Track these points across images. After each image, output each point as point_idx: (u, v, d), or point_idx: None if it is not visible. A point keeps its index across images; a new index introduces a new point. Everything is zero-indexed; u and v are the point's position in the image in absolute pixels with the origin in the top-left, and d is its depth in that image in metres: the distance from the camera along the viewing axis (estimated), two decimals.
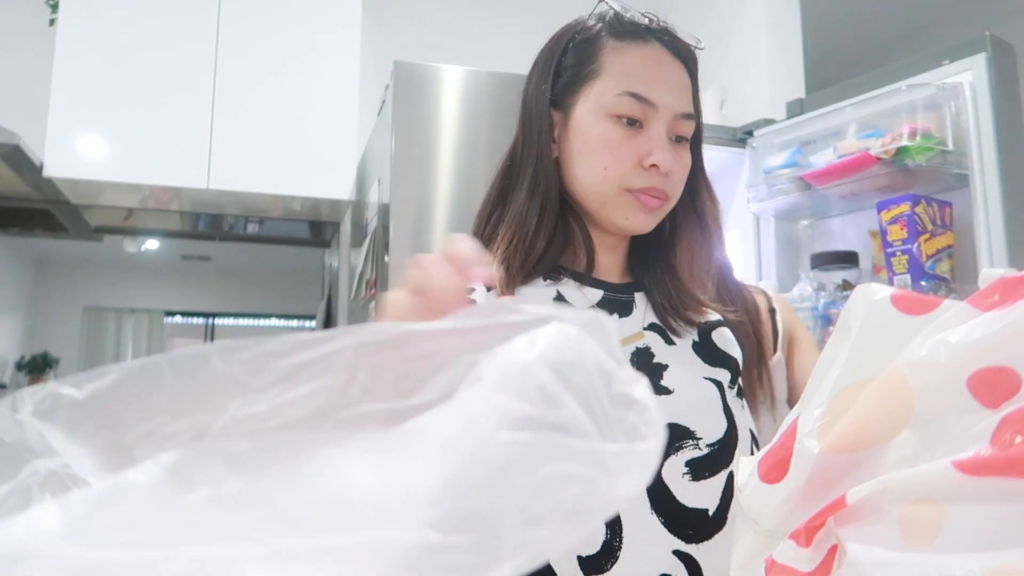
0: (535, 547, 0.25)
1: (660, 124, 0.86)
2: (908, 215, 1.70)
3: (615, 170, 0.85)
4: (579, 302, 0.89)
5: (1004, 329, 0.33)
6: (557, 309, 0.29)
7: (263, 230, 3.46)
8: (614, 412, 0.27)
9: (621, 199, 0.86)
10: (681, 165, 0.88)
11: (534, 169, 0.90)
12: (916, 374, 0.36)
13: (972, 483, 0.31)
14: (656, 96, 0.85)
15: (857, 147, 1.81)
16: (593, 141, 0.86)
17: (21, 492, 0.34)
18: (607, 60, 0.88)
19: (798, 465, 0.39)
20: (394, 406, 0.29)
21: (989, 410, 0.33)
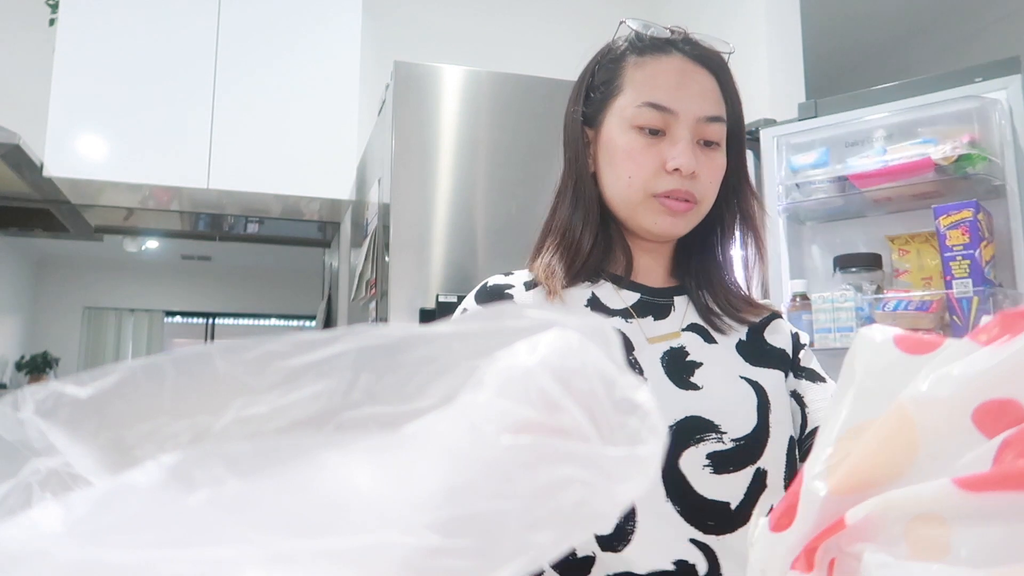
0: (536, 551, 0.25)
1: (683, 130, 0.88)
2: (971, 221, 1.77)
3: (638, 177, 0.89)
4: (614, 303, 0.93)
5: (1006, 361, 0.34)
6: (560, 315, 0.29)
7: (263, 230, 3.46)
8: (616, 417, 0.27)
9: (648, 205, 0.89)
10: (710, 168, 0.91)
11: (575, 184, 0.96)
12: (920, 410, 0.36)
13: (973, 499, 0.31)
14: (675, 103, 0.88)
15: (913, 152, 1.86)
16: (618, 152, 0.90)
17: (22, 491, 0.34)
18: (629, 75, 0.92)
19: (805, 509, 0.39)
20: (396, 410, 0.29)
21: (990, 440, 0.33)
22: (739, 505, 0.83)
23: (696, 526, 0.81)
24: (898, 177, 1.87)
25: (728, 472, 0.83)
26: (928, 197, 1.92)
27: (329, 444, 0.25)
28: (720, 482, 0.83)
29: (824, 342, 1.94)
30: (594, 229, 0.94)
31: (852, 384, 0.41)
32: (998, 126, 1.82)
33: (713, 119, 0.90)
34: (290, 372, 0.30)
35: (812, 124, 2.12)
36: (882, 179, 1.89)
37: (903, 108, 1.96)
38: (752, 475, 0.84)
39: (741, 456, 0.84)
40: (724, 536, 0.82)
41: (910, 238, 2.05)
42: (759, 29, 2.71)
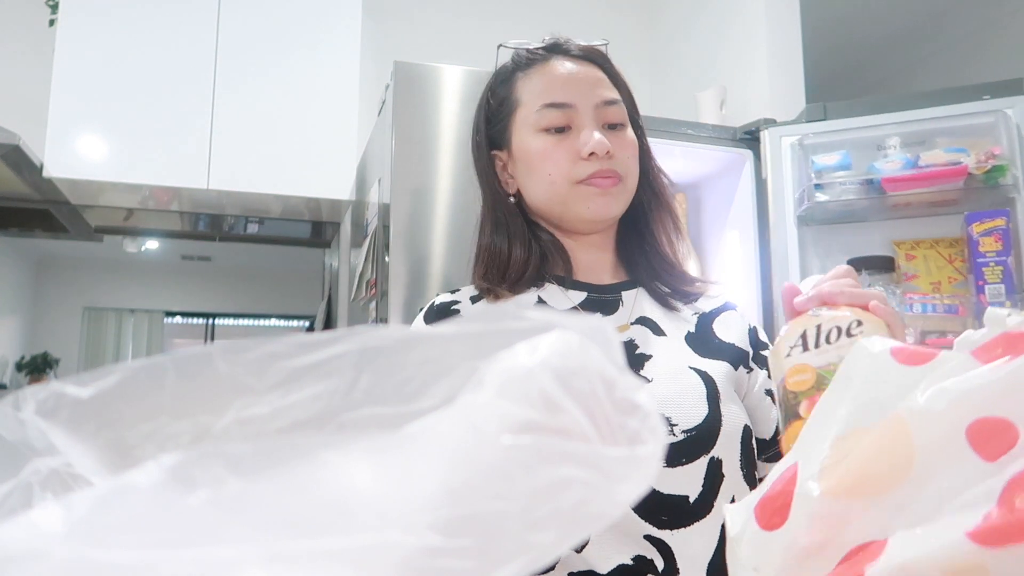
0: (536, 551, 0.25)
1: (585, 118, 0.93)
2: (1004, 229, 1.88)
3: (558, 171, 0.92)
4: (561, 303, 0.95)
5: (1002, 380, 0.34)
6: (561, 316, 0.29)
7: (263, 230, 3.46)
8: (616, 418, 0.27)
9: (576, 192, 0.92)
10: (623, 144, 0.94)
11: (492, 208, 1.00)
12: (916, 421, 0.36)
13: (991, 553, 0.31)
14: (569, 97, 0.93)
15: (946, 159, 1.94)
16: (533, 157, 0.94)
17: (22, 491, 0.34)
18: (521, 88, 0.97)
19: (798, 510, 0.39)
20: (397, 410, 0.29)
21: (988, 463, 0.34)
22: (698, 498, 0.83)
23: (651, 522, 0.81)
24: (931, 183, 1.95)
25: (681, 464, 0.83)
26: (942, 205, 2.01)
27: (329, 444, 0.25)
28: (674, 475, 0.82)
29: None
30: (524, 242, 0.96)
31: (849, 390, 0.41)
32: (1017, 139, 1.93)
33: (610, 102, 0.94)
34: (291, 373, 0.30)
35: (825, 127, 2.14)
36: (915, 184, 1.95)
37: (917, 118, 2.04)
38: (707, 465, 0.84)
39: (693, 447, 0.84)
40: (678, 531, 0.81)
41: (916, 243, 2.08)
42: (759, 29, 2.71)
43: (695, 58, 3.05)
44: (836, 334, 0.64)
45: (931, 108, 2.04)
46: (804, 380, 0.62)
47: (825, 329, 0.64)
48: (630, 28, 3.51)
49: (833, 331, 0.64)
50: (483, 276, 0.98)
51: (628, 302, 0.97)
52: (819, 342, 0.63)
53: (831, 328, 0.64)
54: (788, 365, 0.64)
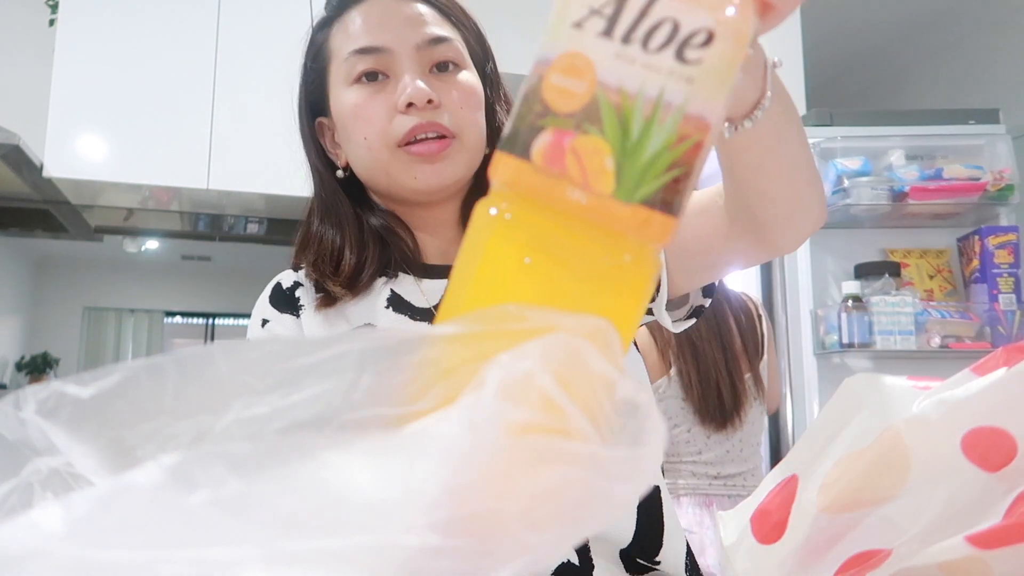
0: (536, 551, 0.25)
1: (404, 62, 0.77)
2: (1015, 243, 2.07)
3: (372, 131, 0.77)
4: (417, 301, 0.81)
5: (995, 391, 0.34)
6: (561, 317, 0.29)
7: (263, 230, 3.46)
8: (616, 419, 0.27)
9: (396, 159, 0.77)
10: (453, 90, 0.78)
11: (319, 189, 0.85)
12: (911, 431, 0.36)
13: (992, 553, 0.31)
14: (384, 40, 0.77)
15: (967, 174, 2.10)
16: (346, 118, 0.79)
17: (23, 490, 0.34)
18: (331, 39, 0.83)
19: (797, 525, 0.39)
20: (398, 411, 0.29)
21: (988, 473, 0.34)
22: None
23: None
24: (953, 195, 2.09)
25: None
26: (942, 217, 2.17)
27: (329, 444, 0.25)
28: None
29: (886, 344, 2.05)
30: (352, 231, 0.82)
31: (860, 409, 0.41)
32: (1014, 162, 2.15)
33: (436, 39, 0.78)
34: (292, 373, 0.30)
35: (842, 132, 2.20)
36: (939, 195, 2.09)
37: (920, 134, 2.18)
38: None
39: None
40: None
41: (907, 252, 2.18)
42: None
43: None
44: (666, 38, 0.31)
45: (933, 126, 2.18)
46: (570, 91, 0.32)
47: (659, 14, 0.32)
48: None
49: (666, 28, 0.31)
50: (313, 264, 0.83)
51: None
52: (634, 32, 0.32)
53: (666, 19, 0.32)
54: (567, 45, 0.32)
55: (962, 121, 2.20)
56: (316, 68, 0.85)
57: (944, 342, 2.06)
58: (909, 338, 2.03)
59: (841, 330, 2.07)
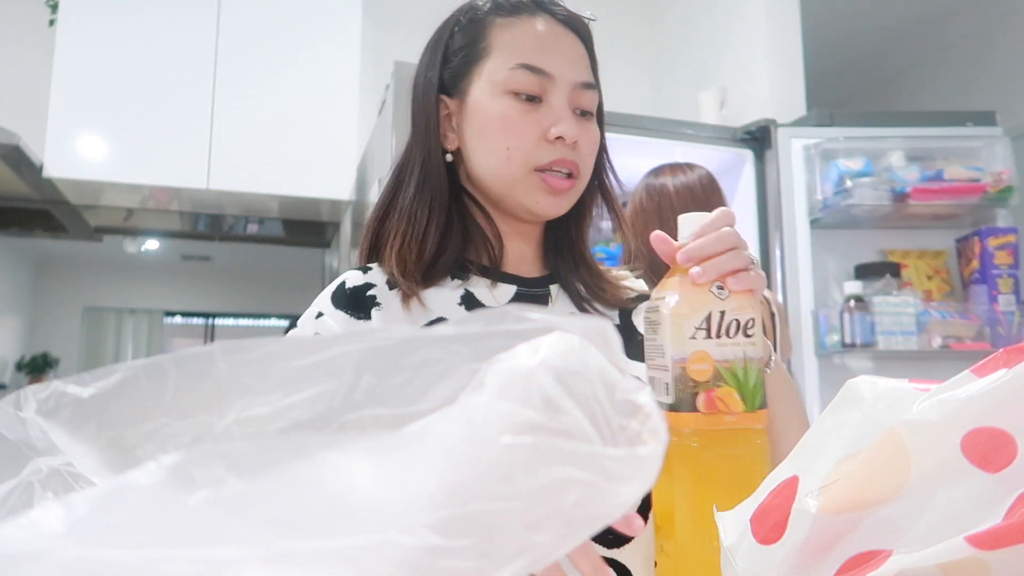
0: (536, 551, 0.25)
1: (560, 95, 0.81)
2: (1015, 244, 2.11)
3: (518, 148, 0.80)
4: (489, 302, 0.84)
5: (995, 391, 0.34)
6: (561, 318, 0.29)
7: (263, 230, 3.46)
8: (616, 419, 0.27)
9: (529, 180, 0.81)
10: (588, 138, 0.84)
11: (422, 164, 0.85)
12: (911, 432, 0.37)
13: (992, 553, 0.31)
14: (551, 66, 0.81)
15: (967, 175, 2.13)
16: (492, 121, 0.81)
17: (23, 490, 0.34)
18: (496, 36, 0.84)
19: (796, 526, 0.39)
20: (398, 412, 0.29)
21: (987, 474, 0.34)
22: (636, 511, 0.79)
23: (601, 543, 0.75)
24: (953, 196, 2.11)
25: None
26: (941, 218, 2.19)
27: (329, 444, 0.25)
28: None
29: (889, 344, 2.06)
30: (443, 217, 0.84)
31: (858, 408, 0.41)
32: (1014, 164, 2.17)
33: (588, 86, 0.83)
34: (292, 373, 0.30)
35: (842, 132, 2.21)
36: (940, 196, 2.11)
37: (919, 135, 2.20)
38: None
39: None
40: (623, 548, 0.76)
41: (905, 253, 2.20)
42: (760, 30, 2.71)
43: (696, 58, 3.04)
44: (735, 329, 0.61)
45: (933, 127, 2.20)
46: (704, 370, 0.60)
47: (728, 319, 0.61)
48: (631, 28, 3.51)
49: (733, 324, 0.61)
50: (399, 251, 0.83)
51: (555, 298, 0.88)
52: (720, 332, 0.61)
53: (732, 320, 0.61)
54: (692, 348, 0.61)
55: (959, 123, 2.22)
56: (467, 51, 0.85)
57: (945, 342, 2.07)
58: (911, 338, 2.05)
59: (843, 330, 2.07)
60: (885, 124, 2.23)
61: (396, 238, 0.84)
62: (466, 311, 0.83)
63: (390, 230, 0.86)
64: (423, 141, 0.86)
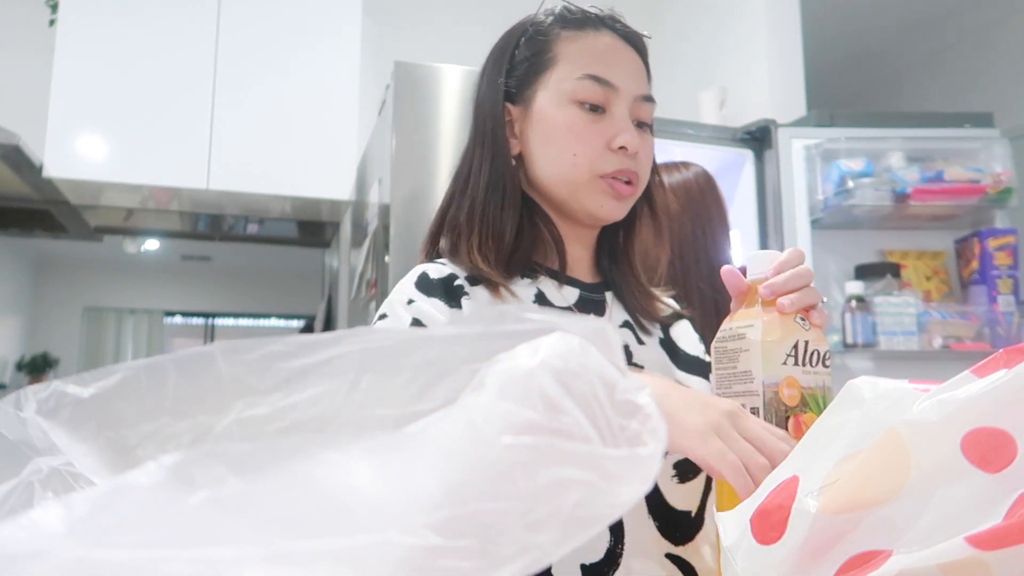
0: (536, 552, 0.25)
1: (622, 106, 0.85)
2: (1014, 245, 2.12)
3: (584, 155, 0.84)
4: (558, 302, 0.88)
5: (995, 391, 0.34)
6: (561, 318, 0.29)
7: (263, 230, 3.46)
8: (616, 420, 0.27)
9: (593, 186, 0.85)
10: (647, 148, 0.88)
11: (491, 166, 0.88)
12: (911, 433, 0.37)
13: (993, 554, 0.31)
14: (616, 78, 0.85)
15: (967, 176, 2.14)
16: (558, 128, 0.85)
17: (23, 490, 0.34)
18: (562, 48, 0.87)
19: (796, 526, 0.39)
20: (398, 412, 0.29)
21: (987, 474, 0.34)
22: (697, 512, 0.82)
23: (669, 538, 0.79)
24: (953, 197, 2.12)
25: (690, 479, 0.82)
26: (941, 219, 2.21)
27: (329, 444, 0.25)
28: (684, 491, 0.81)
29: (890, 344, 2.07)
30: (516, 218, 0.87)
31: (858, 408, 0.41)
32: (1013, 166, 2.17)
33: (647, 99, 0.88)
34: (292, 373, 0.30)
35: (843, 133, 2.22)
36: (941, 196, 2.12)
37: (919, 136, 2.20)
38: (705, 479, 0.83)
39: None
40: (687, 546, 0.80)
41: (904, 254, 2.20)
42: (760, 30, 2.71)
43: (696, 58, 3.04)
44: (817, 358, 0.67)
45: (932, 128, 2.20)
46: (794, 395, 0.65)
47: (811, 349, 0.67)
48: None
49: (815, 354, 0.67)
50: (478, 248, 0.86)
51: (610, 303, 0.91)
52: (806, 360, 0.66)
53: (814, 350, 0.67)
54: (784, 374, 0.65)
55: (957, 124, 2.23)
56: (533, 62, 0.89)
57: (945, 343, 2.07)
58: (912, 338, 2.05)
59: (845, 330, 2.08)
60: (885, 125, 2.24)
61: (473, 236, 0.87)
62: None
63: (462, 230, 0.89)
64: (490, 145, 0.89)
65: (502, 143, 0.88)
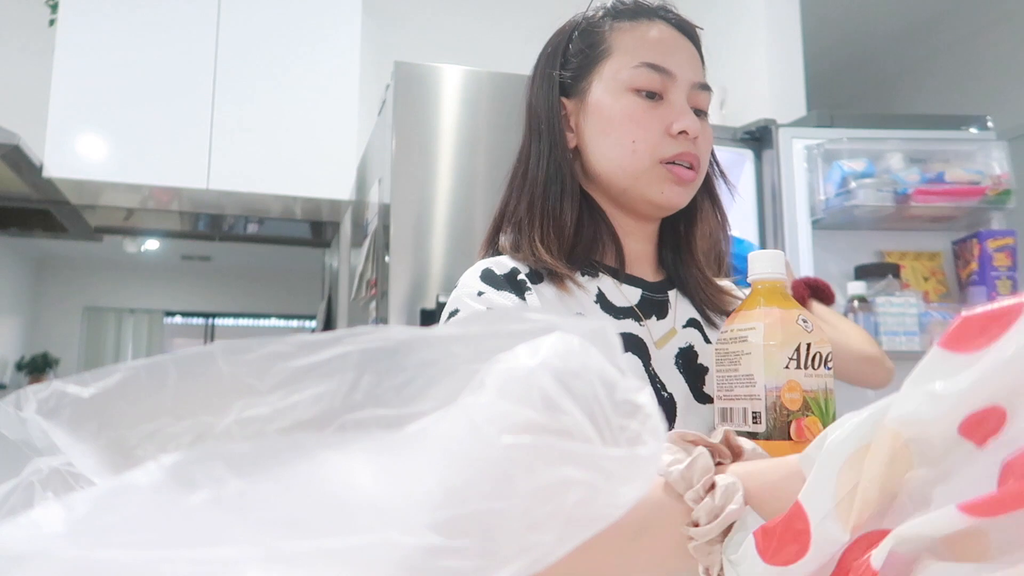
0: (536, 551, 0.25)
1: (680, 93, 0.85)
2: (1013, 247, 2.14)
3: (645, 141, 0.83)
4: (619, 302, 0.86)
5: (986, 373, 0.34)
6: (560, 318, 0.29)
7: (263, 230, 3.46)
8: (616, 420, 0.27)
9: (655, 172, 0.83)
10: (707, 134, 0.87)
11: (548, 159, 0.87)
12: (910, 429, 0.36)
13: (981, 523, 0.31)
14: (672, 66, 0.85)
15: (968, 178, 2.15)
16: (616, 117, 0.84)
17: (24, 490, 0.34)
18: (616, 39, 0.87)
19: (821, 549, 0.38)
20: (398, 412, 0.29)
21: (978, 447, 0.34)
22: None
23: None
24: (954, 198, 2.13)
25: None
26: (940, 220, 2.22)
27: (330, 444, 0.25)
28: None
29: (892, 344, 2.06)
30: (576, 208, 0.86)
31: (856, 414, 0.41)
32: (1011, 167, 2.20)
33: (704, 87, 0.88)
34: (292, 373, 0.30)
35: (844, 134, 2.23)
36: (941, 197, 2.13)
37: (919, 137, 2.21)
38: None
39: None
40: None
41: (902, 255, 2.22)
42: (759, 30, 2.71)
43: None
44: (819, 361, 0.66)
45: (931, 130, 2.21)
46: (796, 399, 0.64)
47: (813, 351, 0.66)
48: None
49: (817, 356, 0.66)
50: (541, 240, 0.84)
51: (674, 302, 0.89)
52: (808, 363, 0.66)
53: (816, 352, 0.66)
54: (786, 377, 0.65)
55: (955, 126, 2.24)
56: (588, 54, 0.88)
57: None
58: (914, 339, 2.05)
59: None
60: (884, 126, 2.24)
61: (535, 230, 0.86)
62: (601, 310, 0.85)
63: (523, 223, 0.87)
64: (547, 138, 0.88)
65: (559, 136, 0.87)
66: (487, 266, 0.85)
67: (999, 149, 2.15)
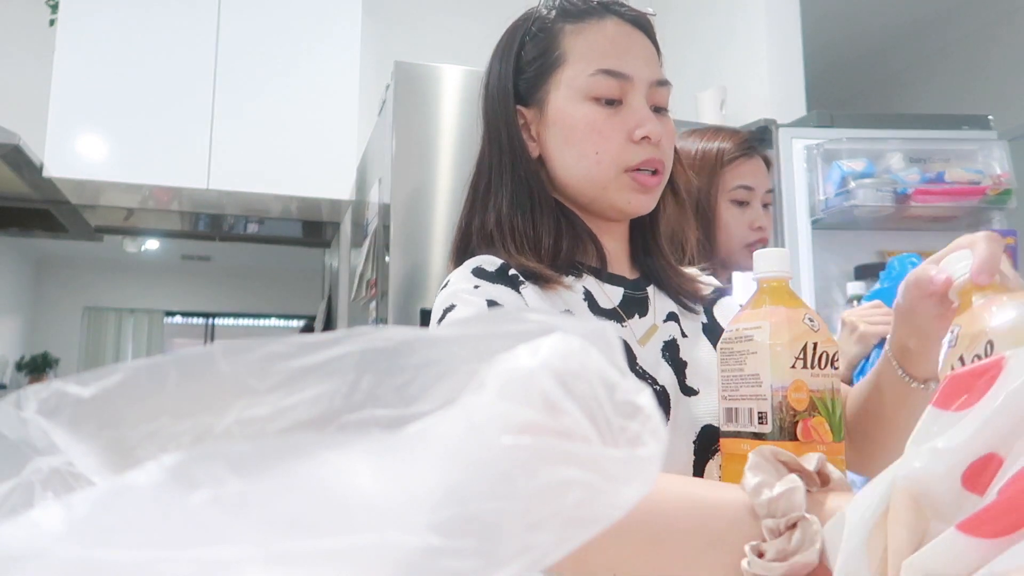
0: (536, 552, 0.25)
1: (638, 95, 0.83)
2: (1014, 247, 2.11)
3: (607, 151, 0.82)
4: (603, 302, 0.85)
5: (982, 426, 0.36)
6: (561, 319, 0.29)
7: (263, 230, 3.46)
8: (617, 421, 0.27)
9: (620, 181, 0.83)
10: (668, 133, 0.86)
11: (512, 172, 0.86)
12: (920, 486, 0.38)
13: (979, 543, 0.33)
14: (629, 68, 0.83)
15: (967, 178, 2.15)
16: (577, 128, 0.83)
17: (24, 490, 0.34)
18: (569, 44, 0.85)
19: None
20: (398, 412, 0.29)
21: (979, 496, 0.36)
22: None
23: None
24: (954, 198, 2.13)
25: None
26: (940, 220, 2.22)
27: (330, 444, 0.25)
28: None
29: None
30: (553, 221, 0.85)
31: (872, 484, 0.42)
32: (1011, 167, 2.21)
33: (662, 83, 0.86)
34: (292, 374, 0.30)
35: (844, 134, 2.23)
36: (942, 197, 2.13)
37: (918, 137, 2.21)
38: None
39: None
40: None
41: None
42: (760, 31, 2.71)
43: (696, 58, 3.05)
44: (825, 360, 0.65)
45: (931, 130, 2.21)
46: (802, 399, 0.63)
47: (819, 351, 0.64)
48: None
49: (824, 356, 0.64)
50: (520, 253, 0.83)
51: (652, 297, 0.88)
52: (815, 363, 0.64)
53: (823, 352, 0.64)
54: (792, 377, 0.63)
55: (956, 126, 2.24)
56: (541, 61, 0.87)
57: None
58: None
59: None
60: (884, 126, 2.25)
61: (510, 244, 0.85)
62: (589, 310, 0.84)
63: (494, 238, 0.86)
64: (507, 150, 0.87)
65: (520, 148, 0.86)
66: (476, 264, 0.84)
67: (1000, 149, 2.16)
